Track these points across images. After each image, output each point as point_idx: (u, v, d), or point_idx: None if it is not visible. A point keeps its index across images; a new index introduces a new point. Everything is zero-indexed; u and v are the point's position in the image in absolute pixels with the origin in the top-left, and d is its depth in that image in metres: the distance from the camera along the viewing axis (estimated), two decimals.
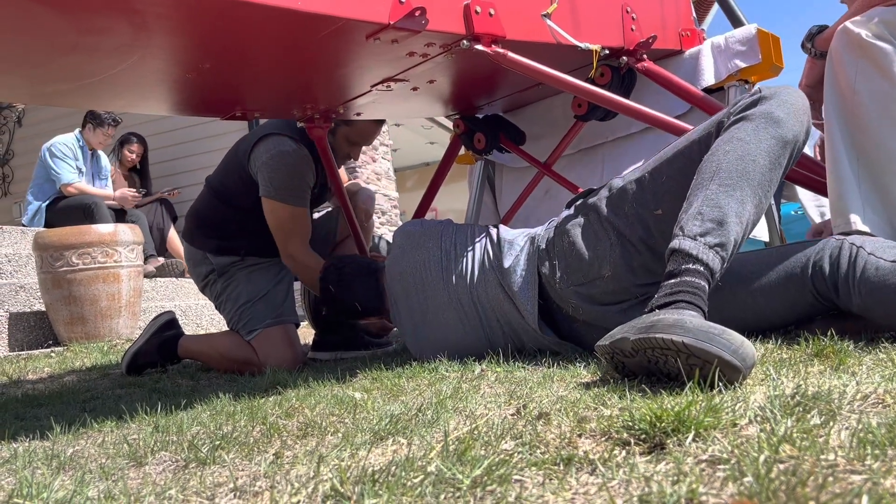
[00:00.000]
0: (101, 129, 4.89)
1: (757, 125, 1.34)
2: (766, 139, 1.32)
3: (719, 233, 1.24)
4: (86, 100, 2.02)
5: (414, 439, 0.97)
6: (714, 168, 1.32)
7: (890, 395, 0.88)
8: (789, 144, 1.34)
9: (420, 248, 1.85)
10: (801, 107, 1.38)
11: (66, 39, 1.44)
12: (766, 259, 1.51)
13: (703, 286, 1.20)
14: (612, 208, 1.57)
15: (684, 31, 2.41)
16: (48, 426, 1.44)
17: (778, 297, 1.49)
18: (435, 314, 1.81)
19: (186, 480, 0.91)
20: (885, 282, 1.29)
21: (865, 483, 0.57)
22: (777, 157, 1.32)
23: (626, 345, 1.14)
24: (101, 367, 2.81)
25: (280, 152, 2.26)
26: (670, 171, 1.49)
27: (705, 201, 1.28)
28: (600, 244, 1.57)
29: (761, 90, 1.40)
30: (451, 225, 1.89)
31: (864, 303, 1.34)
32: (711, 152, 1.36)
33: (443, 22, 1.66)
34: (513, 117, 2.74)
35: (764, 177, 1.31)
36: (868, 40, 1.54)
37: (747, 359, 1.03)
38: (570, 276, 1.61)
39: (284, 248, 2.34)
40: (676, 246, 1.25)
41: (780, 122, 1.34)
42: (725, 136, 1.37)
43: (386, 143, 7.30)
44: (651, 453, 0.77)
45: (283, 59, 1.75)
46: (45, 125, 6.60)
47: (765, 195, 1.31)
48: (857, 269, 1.35)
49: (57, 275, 3.62)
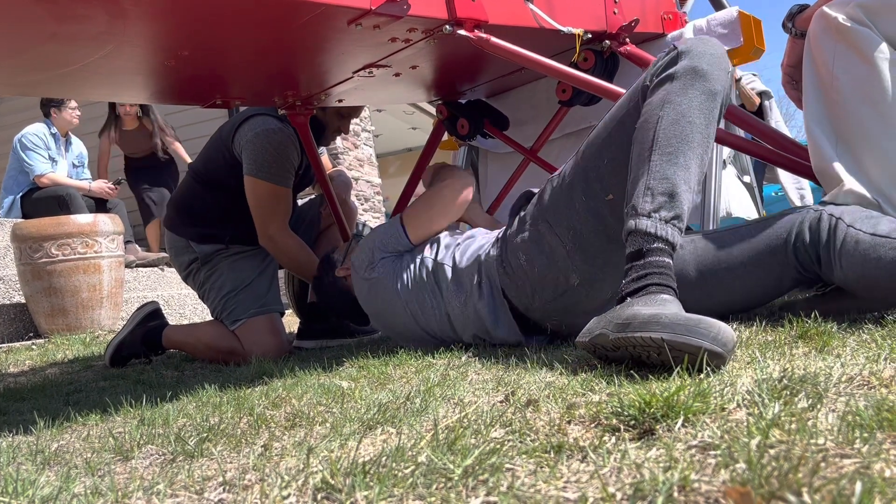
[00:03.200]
0: (66, 109, 4.81)
1: (683, 83, 1.31)
2: (696, 96, 1.30)
3: (672, 205, 1.23)
4: (63, 89, 1.98)
5: (403, 428, 0.97)
6: (651, 137, 1.29)
7: (875, 376, 0.88)
8: (718, 95, 1.32)
9: (386, 304, 1.86)
10: (719, 54, 1.35)
11: (44, 28, 1.41)
12: (747, 238, 1.51)
13: (668, 262, 1.20)
14: (560, 210, 1.52)
15: (666, 15, 2.41)
16: (31, 420, 1.43)
17: (763, 275, 1.50)
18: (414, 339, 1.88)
19: (174, 474, 0.90)
20: (866, 256, 1.31)
21: (856, 467, 0.58)
22: (710, 111, 1.30)
23: (606, 342, 1.15)
24: (84, 359, 2.79)
25: (266, 130, 2.24)
26: (610, 153, 1.45)
27: (651, 175, 1.26)
28: (556, 253, 1.53)
29: (676, 46, 1.37)
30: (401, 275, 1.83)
31: (846, 276, 1.36)
32: (644, 119, 1.33)
33: (425, 7, 1.65)
34: (496, 102, 2.73)
35: (702, 134, 1.29)
36: (845, 24, 1.54)
37: (728, 343, 1.03)
38: (540, 294, 1.59)
39: (264, 229, 2.30)
40: (633, 227, 1.24)
41: (705, 74, 1.31)
42: (654, 99, 1.33)
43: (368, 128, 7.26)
44: (641, 439, 0.78)
45: (263, 46, 1.73)
46: (18, 115, 6.50)
47: (705, 151, 1.29)
48: (837, 241, 1.36)
49: (36, 266, 3.58)
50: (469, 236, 1.83)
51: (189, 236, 2.43)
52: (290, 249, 2.32)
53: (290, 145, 2.28)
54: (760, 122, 2.00)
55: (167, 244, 2.55)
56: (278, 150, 2.25)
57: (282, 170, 2.27)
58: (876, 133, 1.53)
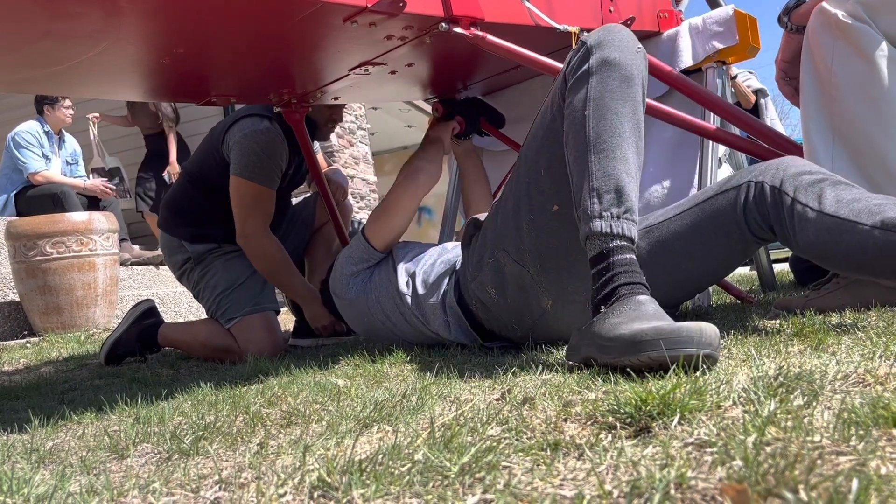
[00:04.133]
0: (60, 108, 4.80)
1: (601, 76, 1.31)
2: (616, 86, 1.30)
3: (621, 200, 1.23)
4: (57, 86, 1.98)
5: (399, 426, 0.97)
6: (584, 137, 1.28)
7: (870, 374, 0.89)
8: (636, 79, 1.31)
9: (366, 322, 1.89)
10: (627, 38, 1.35)
11: (38, 25, 1.40)
12: (695, 223, 1.51)
13: (631, 258, 1.20)
14: (511, 235, 1.51)
15: (662, 13, 2.41)
16: (26, 419, 1.42)
17: (724, 255, 1.52)
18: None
19: (170, 472, 0.90)
20: (821, 240, 1.30)
21: (853, 464, 0.58)
22: (632, 97, 1.30)
23: (595, 364, 1.15)
24: (79, 358, 2.78)
25: (253, 131, 2.24)
26: (545, 161, 1.43)
27: (593, 175, 1.25)
28: (523, 279, 1.51)
29: (584, 41, 1.36)
30: (372, 295, 1.85)
31: (802, 251, 1.36)
32: (571, 121, 1.32)
33: (421, 5, 1.64)
34: (492, 100, 2.73)
35: (631, 123, 1.28)
36: (845, 21, 1.54)
37: (714, 341, 1.03)
38: (519, 324, 1.59)
39: (242, 228, 2.28)
40: (589, 230, 1.23)
41: (618, 62, 1.31)
42: (576, 100, 1.32)
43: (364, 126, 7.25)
44: (637, 437, 0.78)
45: (258, 44, 1.72)
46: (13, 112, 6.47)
47: (639, 138, 1.29)
48: (785, 216, 1.36)
49: (31, 264, 3.57)
50: (429, 258, 1.82)
51: (182, 236, 2.43)
52: (265, 250, 2.29)
53: (277, 145, 2.27)
54: (755, 120, 2.00)
55: (161, 244, 2.54)
56: (265, 151, 2.25)
57: (266, 170, 2.26)
58: (874, 130, 1.53)
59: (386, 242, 1.88)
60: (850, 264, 1.29)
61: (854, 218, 1.26)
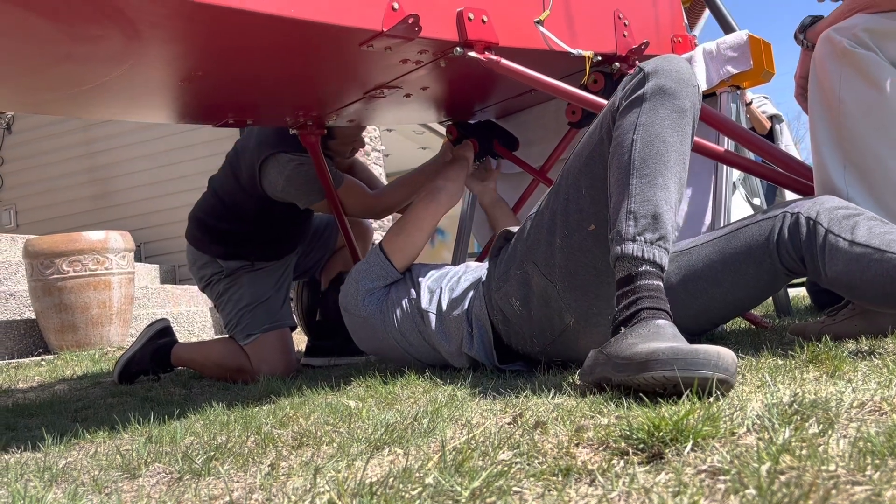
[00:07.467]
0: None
1: (653, 104, 1.31)
2: (667, 115, 1.30)
3: (656, 227, 1.22)
4: (76, 108, 2.00)
5: (410, 449, 0.97)
6: (628, 161, 1.28)
7: (887, 402, 0.88)
8: (688, 111, 1.32)
9: (378, 341, 1.88)
10: (685, 70, 1.35)
11: (59, 48, 1.43)
12: (726, 251, 1.51)
13: (658, 285, 1.20)
14: (542, 249, 1.51)
15: (676, 37, 2.42)
16: (39, 437, 1.43)
17: (752, 284, 1.50)
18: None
19: (181, 493, 0.90)
20: (849, 268, 1.30)
21: (868, 494, 0.57)
22: (682, 128, 1.30)
23: (610, 383, 1.14)
24: (93, 376, 2.79)
25: (291, 168, 2.29)
26: (588, 181, 1.43)
27: (632, 198, 1.25)
28: (548, 293, 1.51)
29: (642, 67, 1.37)
30: (387, 315, 1.84)
31: (831, 283, 1.35)
32: (618, 144, 1.32)
33: (436, 29, 1.66)
34: (506, 123, 2.74)
35: (677, 153, 1.28)
36: (851, 49, 1.54)
37: (731, 367, 1.02)
38: (539, 338, 1.58)
39: (373, 214, 2.54)
40: (619, 252, 1.23)
41: (674, 92, 1.31)
42: (626, 123, 1.33)
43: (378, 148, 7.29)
44: (650, 463, 0.77)
45: (275, 67, 1.74)
46: (36, 131, 6.57)
47: (682, 169, 1.29)
48: (817, 247, 1.35)
49: (47, 282, 3.60)
50: (454, 275, 1.82)
51: (214, 253, 2.46)
52: (389, 204, 2.46)
53: (310, 165, 2.31)
54: (769, 145, 2.00)
55: (188, 257, 2.56)
56: (309, 173, 2.31)
57: (318, 184, 2.34)
58: (886, 157, 1.52)
59: (405, 260, 1.89)
60: (876, 294, 1.28)
61: (884, 247, 1.26)
